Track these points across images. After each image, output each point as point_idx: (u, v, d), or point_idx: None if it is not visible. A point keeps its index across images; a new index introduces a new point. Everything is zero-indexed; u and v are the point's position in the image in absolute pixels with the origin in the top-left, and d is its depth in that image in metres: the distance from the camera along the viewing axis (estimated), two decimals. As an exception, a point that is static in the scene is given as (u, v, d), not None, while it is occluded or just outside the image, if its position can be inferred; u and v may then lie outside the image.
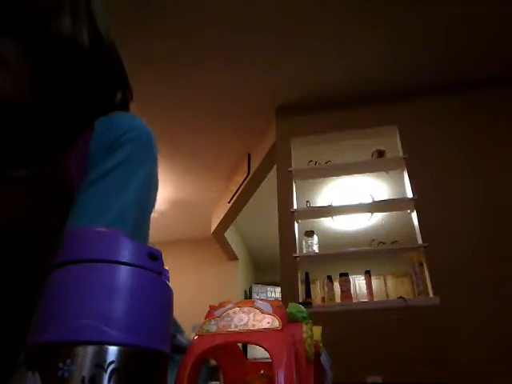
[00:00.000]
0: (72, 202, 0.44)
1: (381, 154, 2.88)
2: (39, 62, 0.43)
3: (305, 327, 0.37)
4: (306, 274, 2.70)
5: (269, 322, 0.33)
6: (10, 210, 0.44)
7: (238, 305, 0.36)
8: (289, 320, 0.36)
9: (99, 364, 0.28)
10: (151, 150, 0.46)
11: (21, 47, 0.41)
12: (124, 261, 0.33)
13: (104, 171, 0.43)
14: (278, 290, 5.01)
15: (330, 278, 2.76)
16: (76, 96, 0.47)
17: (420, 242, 2.49)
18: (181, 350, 0.45)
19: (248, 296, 5.87)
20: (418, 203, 2.60)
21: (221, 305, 0.37)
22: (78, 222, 0.42)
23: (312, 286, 2.85)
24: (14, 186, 0.45)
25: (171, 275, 0.40)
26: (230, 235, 5.10)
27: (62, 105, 0.46)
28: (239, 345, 0.45)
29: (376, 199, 2.94)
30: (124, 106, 0.52)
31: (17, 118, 0.43)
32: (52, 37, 0.42)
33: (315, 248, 2.72)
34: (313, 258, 2.69)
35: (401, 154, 2.82)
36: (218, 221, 4.58)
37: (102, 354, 0.28)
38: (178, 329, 0.56)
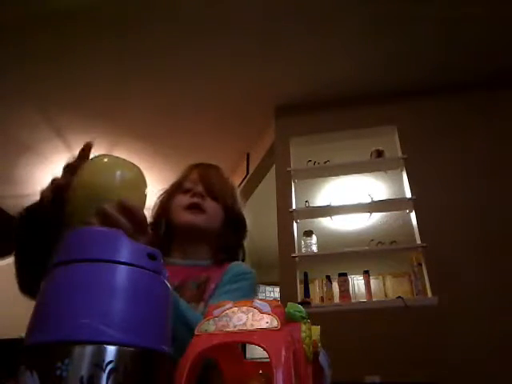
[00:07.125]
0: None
1: (380, 153, 2.88)
2: (225, 215, 0.95)
3: (303, 327, 0.37)
4: (305, 274, 2.70)
5: (267, 322, 0.33)
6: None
7: (236, 304, 0.36)
8: (287, 320, 0.36)
9: (97, 363, 0.28)
10: (254, 284, 0.88)
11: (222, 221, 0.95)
12: (123, 260, 0.33)
13: (228, 290, 0.80)
14: (277, 289, 5.00)
15: (328, 277, 2.76)
16: (230, 236, 0.97)
17: (419, 242, 2.48)
18: None
19: (247, 296, 5.85)
20: (416, 203, 2.60)
21: (219, 304, 0.37)
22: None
23: (311, 285, 2.85)
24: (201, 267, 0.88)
25: (170, 275, 0.41)
26: (228, 235, 5.08)
27: (225, 236, 0.95)
28: (238, 344, 0.45)
29: (375, 199, 2.93)
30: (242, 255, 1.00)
31: (210, 235, 0.93)
32: (232, 211, 0.97)
33: (314, 248, 2.71)
34: (312, 257, 2.69)
35: (400, 153, 2.82)
36: (217, 220, 4.56)
37: (101, 353, 0.28)
38: None
